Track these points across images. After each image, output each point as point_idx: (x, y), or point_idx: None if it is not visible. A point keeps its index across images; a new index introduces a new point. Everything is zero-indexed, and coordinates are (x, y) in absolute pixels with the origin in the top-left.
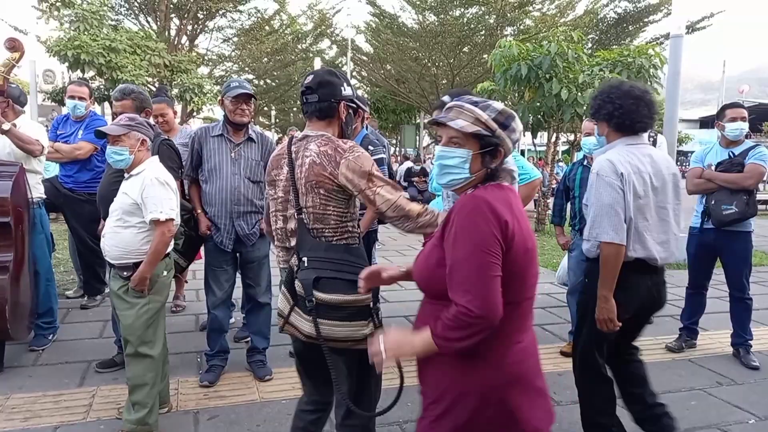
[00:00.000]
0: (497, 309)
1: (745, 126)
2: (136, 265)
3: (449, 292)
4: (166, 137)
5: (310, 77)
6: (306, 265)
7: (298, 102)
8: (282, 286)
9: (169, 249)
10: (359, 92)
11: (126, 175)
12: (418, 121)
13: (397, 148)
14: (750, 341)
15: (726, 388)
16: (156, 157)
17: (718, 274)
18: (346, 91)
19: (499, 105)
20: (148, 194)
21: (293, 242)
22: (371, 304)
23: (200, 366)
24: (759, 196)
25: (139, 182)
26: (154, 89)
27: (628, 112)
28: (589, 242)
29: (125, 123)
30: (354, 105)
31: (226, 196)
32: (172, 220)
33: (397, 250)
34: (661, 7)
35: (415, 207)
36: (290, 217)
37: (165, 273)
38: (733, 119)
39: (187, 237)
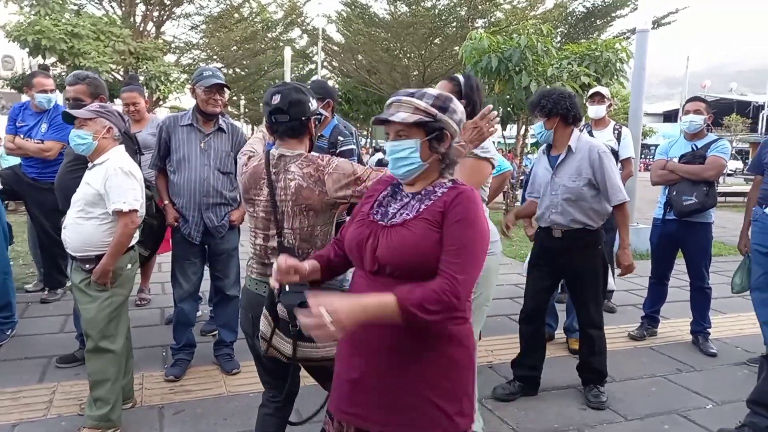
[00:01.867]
0: (460, 303)
1: (696, 118)
2: (99, 257)
3: (443, 263)
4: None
5: (278, 97)
6: (288, 289)
7: None
8: (263, 310)
9: (134, 241)
10: (330, 82)
11: (89, 164)
12: None
13: (368, 140)
14: (708, 329)
15: (685, 374)
16: (122, 147)
17: (679, 264)
18: (313, 106)
19: (434, 91)
20: (112, 184)
21: (273, 260)
22: None
23: (166, 360)
24: (719, 188)
25: (102, 172)
26: (119, 77)
27: (575, 108)
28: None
29: (95, 109)
30: (320, 117)
31: (194, 188)
32: (136, 211)
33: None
34: (628, 2)
35: None
36: (272, 236)
37: (129, 266)
38: (687, 112)
39: (147, 225)
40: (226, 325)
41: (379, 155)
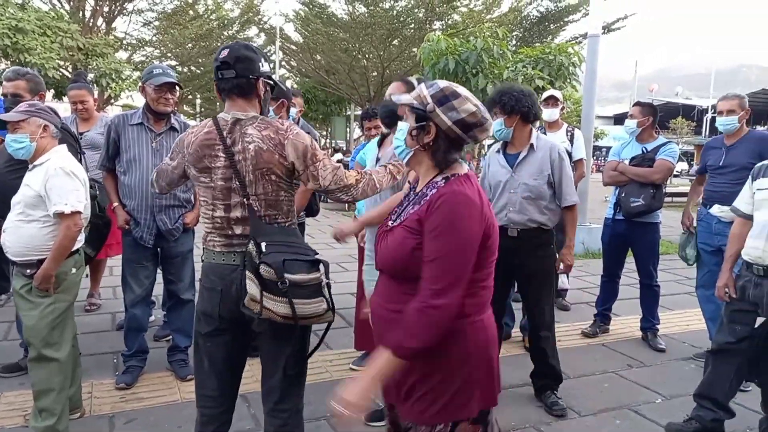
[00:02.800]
0: (458, 299)
1: (631, 123)
2: (41, 262)
3: (424, 283)
4: (62, 122)
5: (226, 51)
6: (266, 250)
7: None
8: (246, 271)
9: (78, 245)
10: (288, 82)
11: (29, 165)
12: (348, 113)
13: (328, 140)
14: (657, 326)
15: (636, 370)
16: (63, 146)
17: (629, 263)
18: (264, 67)
19: (444, 83)
20: (53, 185)
21: (238, 230)
22: (324, 281)
23: (117, 367)
24: (667, 189)
25: (42, 173)
26: (67, 74)
27: (535, 107)
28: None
29: (24, 109)
30: (271, 83)
31: (146, 189)
32: (79, 213)
33: (327, 243)
34: (580, 7)
35: (352, 174)
36: (234, 206)
37: (74, 270)
38: (631, 116)
39: (93, 225)
40: (181, 329)
41: (338, 155)
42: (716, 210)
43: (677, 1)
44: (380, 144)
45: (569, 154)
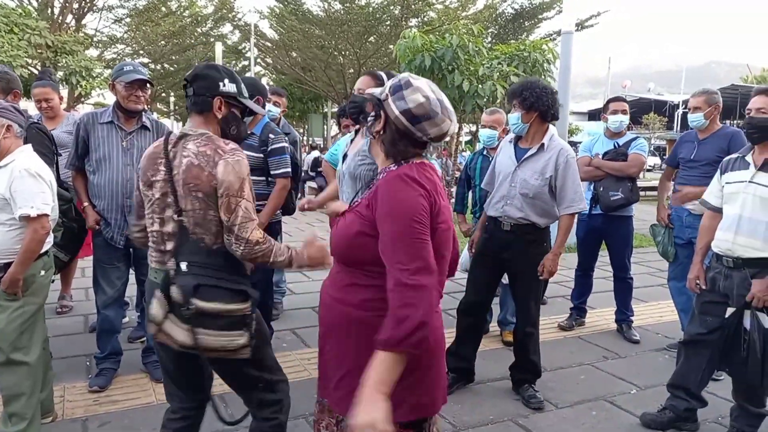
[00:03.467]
0: (435, 272)
1: (625, 118)
2: (8, 265)
3: (391, 269)
4: (36, 121)
5: (190, 71)
6: (185, 270)
7: None
8: (155, 291)
9: (47, 247)
10: (264, 80)
11: None
12: (325, 110)
13: (305, 138)
14: (631, 317)
15: (611, 362)
16: (28, 146)
17: (603, 256)
18: (227, 87)
19: (407, 75)
20: (17, 188)
21: (169, 246)
22: (249, 311)
23: (90, 370)
24: (639, 183)
25: (6, 175)
26: (36, 71)
27: (555, 106)
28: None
29: None
30: (240, 104)
31: (117, 189)
32: (46, 215)
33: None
34: (554, 4)
35: (258, 234)
36: (167, 220)
37: (42, 272)
38: (615, 112)
39: (67, 228)
40: None
41: (315, 153)
42: (690, 205)
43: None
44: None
45: None
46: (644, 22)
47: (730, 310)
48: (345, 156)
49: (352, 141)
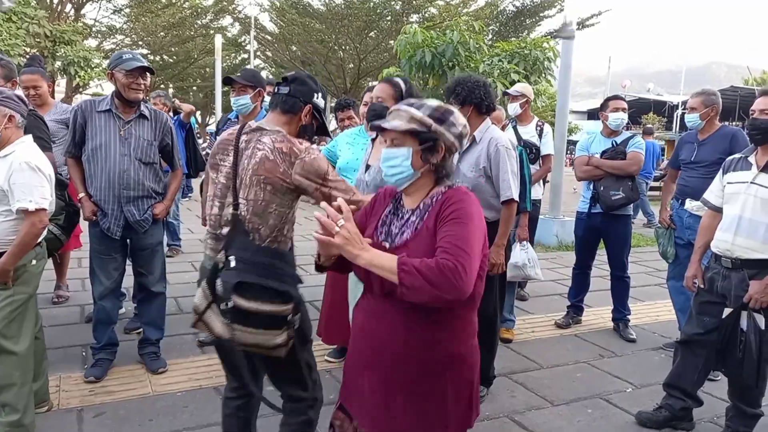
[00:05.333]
0: (470, 289)
1: (624, 116)
2: (0, 255)
3: (443, 254)
4: (32, 109)
5: (292, 73)
6: (232, 265)
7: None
8: (203, 281)
9: (40, 239)
10: (264, 73)
11: None
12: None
13: None
14: (628, 316)
15: (607, 360)
16: (29, 137)
17: (600, 255)
18: (318, 100)
19: (434, 102)
20: (16, 180)
21: (225, 231)
22: (290, 315)
23: (85, 360)
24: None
25: (6, 166)
26: None
27: (489, 98)
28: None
29: None
30: (319, 119)
31: (113, 179)
32: (44, 210)
33: (301, 235)
34: (555, 3)
35: (367, 198)
36: (228, 205)
37: (34, 262)
38: (615, 110)
39: (67, 212)
40: (152, 322)
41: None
42: (690, 205)
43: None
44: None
45: (538, 149)
46: (645, 21)
47: (727, 311)
48: (367, 166)
49: (371, 148)
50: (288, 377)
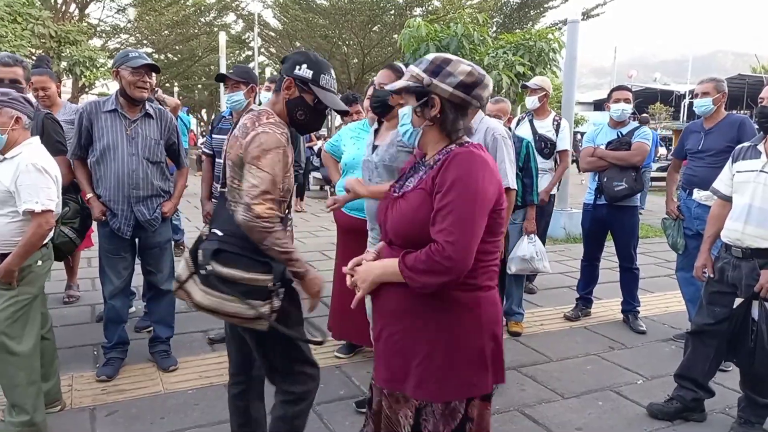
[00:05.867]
0: (470, 261)
1: (627, 107)
2: (4, 255)
3: (432, 231)
4: (48, 111)
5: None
6: (217, 236)
7: (203, 78)
8: (187, 252)
9: (46, 240)
10: (268, 70)
11: (0, 157)
12: None
13: None
14: (638, 308)
15: (617, 352)
16: (36, 138)
17: (609, 246)
18: (302, 71)
19: (432, 55)
20: (23, 182)
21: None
22: (271, 284)
23: (97, 359)
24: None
25: (13, 167)
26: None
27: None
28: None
29: None
30: (310, 91)
31: (123, 180)
32: (51, 211)
33: (310, 231)
34: None
35: (264, 209)
36: (223, 185)
37: (40, 263)
38: (617, 101)
39: (82, 215)
40: (162, 320)
41: (320, 143)
42: (699, 195)
43: None
44: (376, 132)
45: (554, 144)
46: (650, 10)
47: (738, 301)
48: (375, 147)
49: (376, 131)
50: (279, 365)
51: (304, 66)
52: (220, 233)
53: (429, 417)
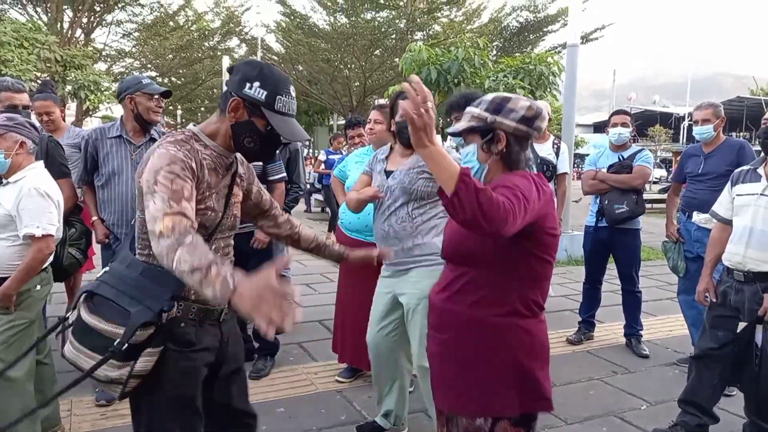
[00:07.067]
0: (511, 231)
1: (625, 131)
2: (3, 279)
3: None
4: (50, 135)
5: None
6: (100, 275)
7: (206, 101)
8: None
9: (46, 264)
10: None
11: (3, 181)
12: (331, 122)
13: (310, 150)
14: (641, 331)
15: (621, 376)
16: (40, 163)
17: (611, 269)
18: (254, 91)
19: (490, 96)
20: (25, 206)
21: None
22: (117, 341)
23: (97, 384)
24: (645, 196)
25: (15, 191)
26: None
27: None
28: None
29: (2, 123)
30: (262, 116)
31: (127, 204)
32: (51, 236)
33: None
34: (559, 18)
35: (165, 224)
36: None
37: (38, 287)
38: (615, 125)
39: (86, 235)
40: None
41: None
42: (698, 218)
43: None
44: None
45: (554, 167)
46: (649, 34)
47: (741, 325)
48: (388, 173)
49: (387, 157)
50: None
51: (257, 85)
52: (105, 273)
53: (453, 429)
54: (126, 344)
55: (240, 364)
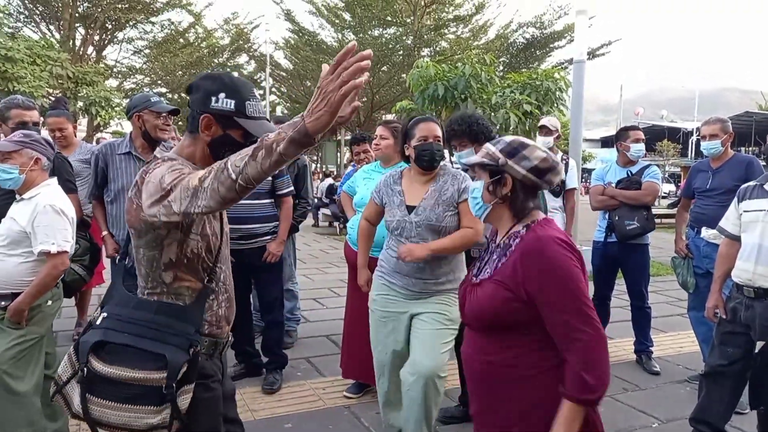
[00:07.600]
0: (608, 369)
1: (643, 147)
2: (16, 294)
3: (566, 334)
4: (58, 151)
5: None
6: (100, 322)
7: None
8: (71, 346)
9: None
10: (279, 108)
11: (17, 196)
12: (338, 137)
13: (318, 165)
14: (651, 348)
15: (631, 393)
16: (54, 180)
17: (620, 285)
18: (221, 102)
19: (510, 137)
20: (40, 222)
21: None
22: (164, 383)
23: None
24: (654, 211)
25: (30, 208)
26: None
27: (488, 129)
28: None
29: (19, 139)
30: (236, 126)
31: None
32: (66, 252)
33: (318, 268)
34: (565, 34)
35: (197, 178)
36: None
37: (49, 303)
38: (637, 140)
39: (91, 251)
40: None
41: (329, 180)
42: (706, 234)
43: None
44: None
45: (563, 182)
46: (655, 49)
47: (759, 343)
48: (411, 208)
49: (400, 183)
50: None
51: (222, 96)
52: (106, 319)
53: None
54: (174, 386)
55: (227, 378)
